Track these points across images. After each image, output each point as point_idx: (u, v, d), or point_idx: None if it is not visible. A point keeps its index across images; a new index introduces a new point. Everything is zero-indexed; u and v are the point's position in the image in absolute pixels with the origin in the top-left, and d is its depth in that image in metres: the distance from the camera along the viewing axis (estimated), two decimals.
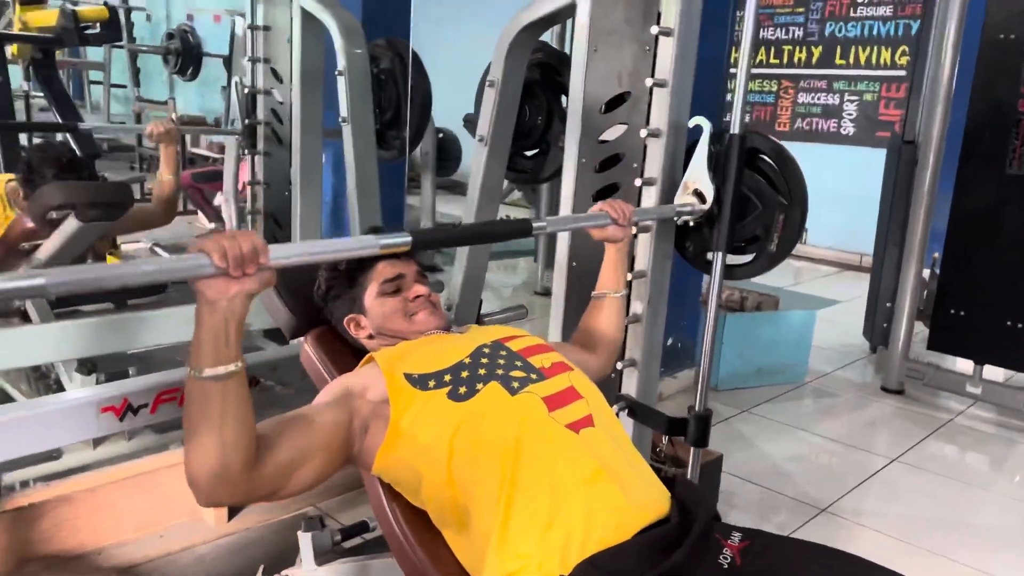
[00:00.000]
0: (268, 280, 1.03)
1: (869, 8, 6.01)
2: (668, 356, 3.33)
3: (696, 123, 1.81)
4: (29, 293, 0.85)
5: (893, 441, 3.13)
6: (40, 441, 1.70)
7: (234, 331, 1.01)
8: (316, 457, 1.20)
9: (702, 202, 1.78)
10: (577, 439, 1.24)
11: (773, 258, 1.87)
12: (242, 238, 0.98)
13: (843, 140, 6.27)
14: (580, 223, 1.71)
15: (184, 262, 0.96)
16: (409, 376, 1.31)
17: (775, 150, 1.83)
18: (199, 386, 1.02)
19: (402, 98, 2.75)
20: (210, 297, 0.99)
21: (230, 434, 1.03)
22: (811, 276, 6.08)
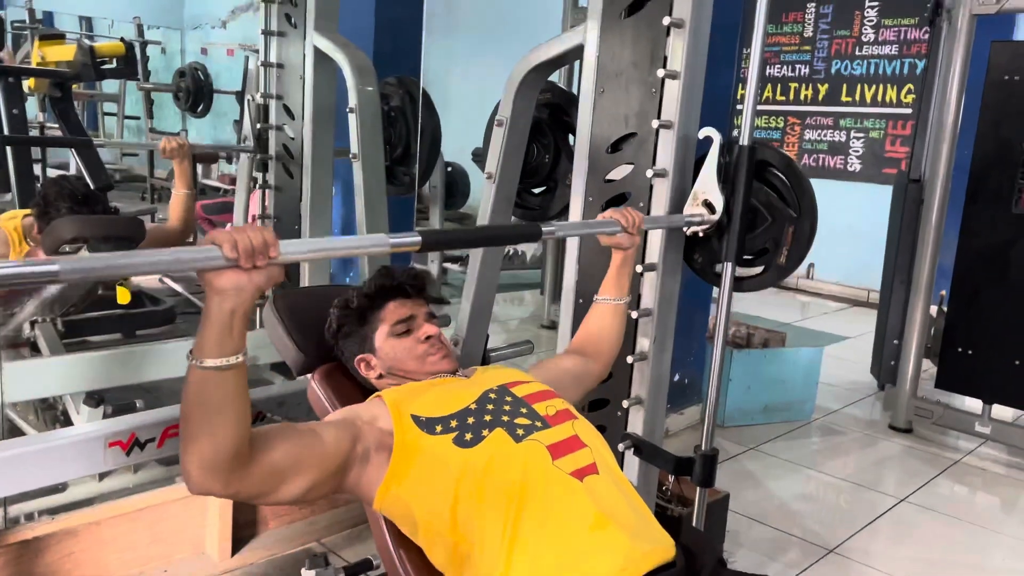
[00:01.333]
0: (277, 275, 1.02)
1: (875, 47, 6.07)
2: (675, 392, 3.32)
3: (707, 134, 1.80)
4: (43, 279, 0.85)
5: (902, 480, 3.10)
6: (47, 475, 1.70)
7: (239, 323, 1.01)
8: (309, 471, 1.19)
9: (712, 212, 1.78)
10: (581, 487, 1.24)
11: (782, 270, 1.86)
12: (252, 231, 0.98)
13: (850, 176, 6.30)
14: (590, 229, 1.71)
15: (195, 253, 0.97)
16: (416, 418, 1.31)
17: (784, 162, 1.83)
18: (199, 375, 1.01)
19: (412, 135, 2.78)
20: (219, 287, 0.98)
21: (224, 426, 1.03)
22: (818, 311, 6.07)
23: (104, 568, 2.03)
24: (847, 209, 6.12)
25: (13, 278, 0.85)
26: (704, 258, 1.92)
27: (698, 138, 1.84)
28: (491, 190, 2.27)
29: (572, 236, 1.96)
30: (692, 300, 3.29)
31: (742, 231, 1.78)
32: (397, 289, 1.56)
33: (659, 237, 1.87)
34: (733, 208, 1.76)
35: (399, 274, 1.57)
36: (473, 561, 1.22)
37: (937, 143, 3.49)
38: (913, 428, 3.59)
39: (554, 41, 2.07)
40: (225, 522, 2.17)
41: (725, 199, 1.76)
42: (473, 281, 2.35)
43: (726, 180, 1.77)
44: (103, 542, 2.02)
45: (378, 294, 1.55)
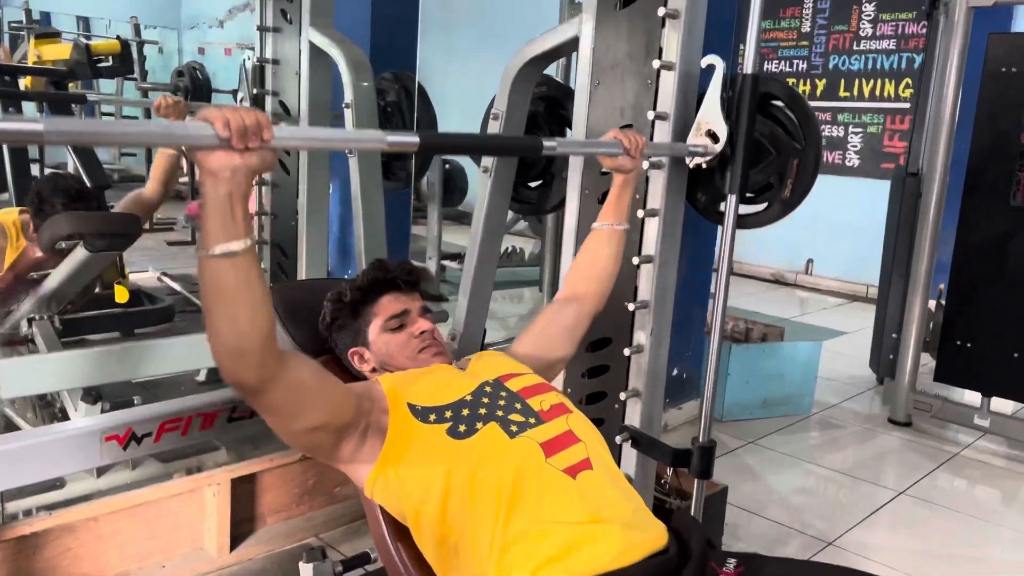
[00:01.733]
0: (269, 160, 1.01)
1: (872, 42, 6.07)
2: (673, 387, 3.32)
3: (709, 62, 1.76)
4: (25, 137, 0.83)
5: (901, 474, 3.10)
6: (44, 470, 1.70)
7: (239, 207, 1.00)
8: (325, 406, 1.21)
9: (715, 142, 1.75)
10: (574, 484, 1.24)
11: (786, 205, 1.84)
12: (245, 111, 0.97)
13: (848, 172, 6.30)
14: (593, 148, 1.69)
15: (187, 128, 0.95)
16: (412, 407, 1.31)
17: (788, 94, 1.81)
18: (209, 265, 1.00)
19: (408, 128, 2.78)
20: (212, 167, 0.96)
21: (245, 312, 1.03)
22: (817, 307, 6.07)
23: (102, 564, 2.03)
24: (846, 205, 6.13)
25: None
26: (707, 197, 1.89)
27: (701, 68, 1.80)
28: (487, 184, 2.27)
29: (574, 154, 1.93)
30: (690, 295, 3.29)
31: (746, 162, 1.73)
32: (391, 283, 1.55)
33: (657, 229, 1.87)
34: (737, 139, 1.72)
35: (393, 268, 1.57)
36: (461, 554, 1.22)
37: (935, 136, 3.49)
38: (912, 421, 3.59)
39: (549, 34, 2.07)
40: (223, 518, 2.17)
41: (729, 130, 1.72)
42: (470, 276, 2.35)
43: (729, 113, 1.73)
44: (101, 538, 2.02)
45: (371, 287, 1.55)
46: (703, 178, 1.85)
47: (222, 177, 0.97)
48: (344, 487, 2.45)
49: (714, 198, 1.88)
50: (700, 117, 1.77)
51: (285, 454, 2.28)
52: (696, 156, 1.77)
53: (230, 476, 2.16)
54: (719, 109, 1.73)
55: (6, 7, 6.62)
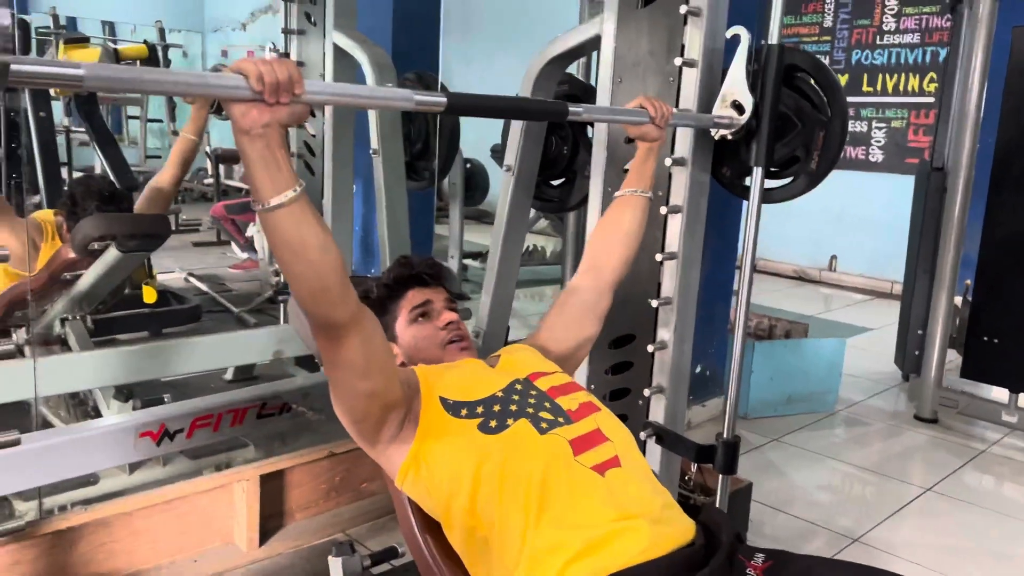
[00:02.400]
0: (301, 114, 1.03)
1: (896, 36, 6.01)
2: (696, 384, 3.33)
3: (735, 32, 1.76)
4: (67, 82, 0.85)
5: (927, 470, 3.08)
6: (80, 465, 1.75)
7: (280, 156, 1.02)
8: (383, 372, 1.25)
9: (740, 113, 1.75)
10: (603, 482, 1.25)
11: (814, 177, 1.83)
12: (278, 64, 0.98)
13: (872, 167, 6.25)
14: (618, 116, 1.70)
15: (222, 79, 0.97)
16: (444, 400, 1.33)
17: (814, 65, 1.80)
18: (269, 219, 1.04)
19: (431, 129, 2.81)
20: (244, 125, 0.99)
21: (315, 254, 1.07)
22: (841, 304, 6.02)
23: (136, 558, 2.07)
24: (869, 200, 6.08)
25: (39, 76, 0.84)
26: (732, 170, 1.88)
27: (726, 38, 1.80)
28: (510, 182, 2.29)
29: (599, 121, 1.93)
30: (713, 292, 3.29)
31: (772, 134, 1.74)
32: (415, 278, 1.58)
33: (680, 227, 1.88)
34: (762, 110, 1.72)
35: (417, 263, 1.60)
36: (491, 547, 1.24)
37: (960, 131, 3.46)
38: (938, 418, 3.57)
39: (571, 33, 2.09)
40: (253, 513, 2.21)
41: (754, 101, 1.72)
42: (493, 274, 2.37)
43: (755, 86, 1.73)
44: (135, 533, 2.06)
45: (397, 283, 1.58)
46: (728, 152, 1.85)
47: (256, 134, 1.00)
48: (371, 483, 2.49)
49: (740, 172, 1.87)
50: (725, 89, 1.77)
51: (313, 450, 2.32)
52: (721, 128, 1.77)
53: (259, 472, 2.20)
54: (745, 80, 1.73)
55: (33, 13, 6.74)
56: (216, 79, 0.97)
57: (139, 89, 0.92)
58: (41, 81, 0.85)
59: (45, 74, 0.85)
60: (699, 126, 1.81)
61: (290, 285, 1.12)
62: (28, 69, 0.83)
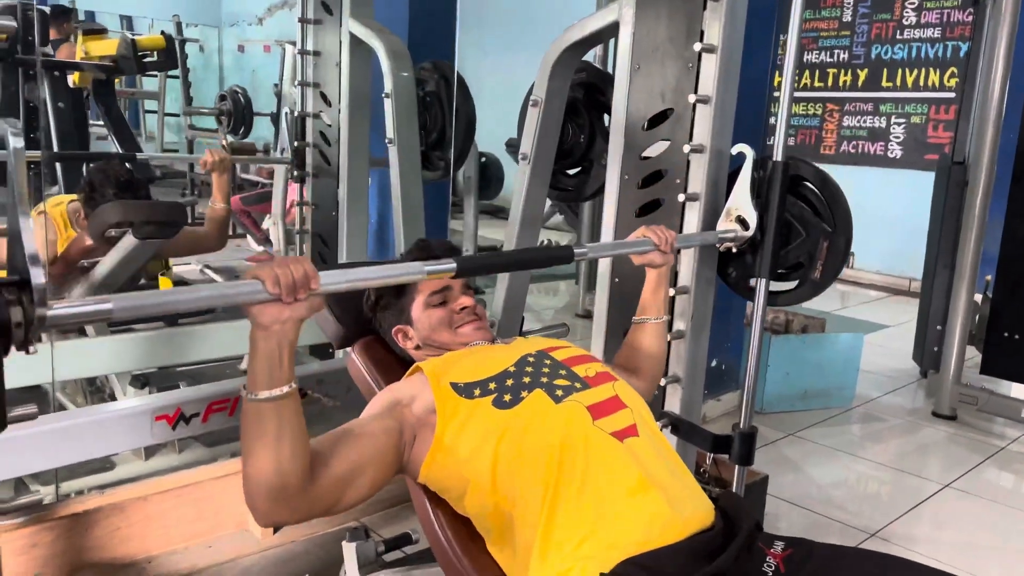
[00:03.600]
0: (317, 306, 1.07)
1: (916, 30, 5.96)
2: (712, 378, 3.30)
3: (739, 150, 1.82)
4: (98, 317, 0.91)
5: (945, 467, 3.06)
6: (97, 447, 1.76)
7: (286, 355, 1.06)
8: (370, 469, 1.22)
9: (745, 228, 1.79)
10: (622, 447, 1.24)
11: (817, 286, 1.87)
12: (294, 265, 1.02)
13: (890, 163, 6.19)
14: (622, 250, 1.73)
15: (239, 287, 1.01)
16: (455, 385, 1.33)
17: (818, 177, 1.84)
18: (255, 408, 1.06)
19: (447, 119, 2.81)
20: (263, 323, 1.03)
21: (287, 451, 1.06)
22: (858, 301, 5.98)
23: (150, 543, 2.08)
24: (887, 197, 6.03)
25: (71, 317, 0.90)
26: (738, 272, 1.93)
27: (731, 154, 1.85)
28: (526, 171, 2.28)
29: (604, 257, 1.97)
30: None
31: (776, 247, 1.78)
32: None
33: (698, 215, 1.87)
34: (767, 224, 1.77)
35: (435, 247, 1.59)
36: (514, 521, 1.23)
37: (982, 124, 3.42)
38: (957, 415, 3.53)
39: (589, 19, 2.08)
40: None
41: (758, 214, 1.76)
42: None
43: (759, 195, 1.77)
44: (149, 518, 2.07)
45: None
46: (734, 256, 1.88)
47: (273, 330, 1.03)
48: None
49: (745, 274, 1.91)
50: (730, 204, 1.82)
51: None
52: (726, 242, 1.81)
53: None
54: (749, 197, 1.78)
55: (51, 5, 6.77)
56: (234, 287, 1.01)
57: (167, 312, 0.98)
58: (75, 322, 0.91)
59: (78, 314, 0.91)
60: (704, 244, 1.85)
61: (244, 480, 1.08)
62: (62, 313, 0.89)
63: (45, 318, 0.87)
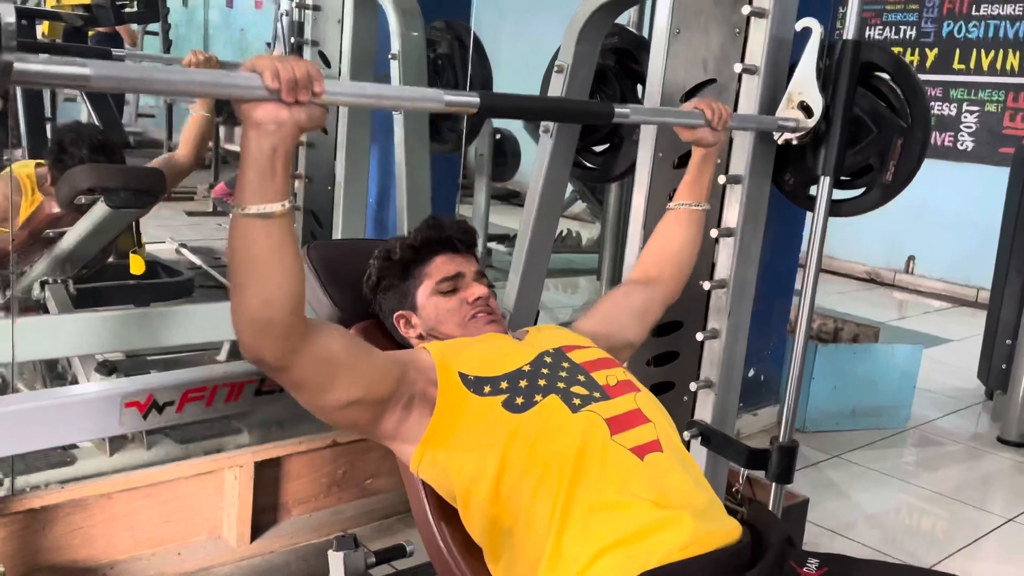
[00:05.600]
0: (319, 116, 1.05)
1: (995, 6, 5.93)
2: (749, 389, 3.31)
3: (805, 24, 1.78)
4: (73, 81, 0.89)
5: (1010, 499, 3.06)
6: (59, 434, 1.78)
7: (281, 165, 1.05)
8: (360, 379, 1.24)
9: (808, 116, 1.75)
10: (642, 465, 1.26)
11: (888, 190, 1.84)
12: (296, 62, 1.01)
13: (960, 157, 6.17)
14: (671, 118, 1.71)
15: (234, 78, 1.00)
16: (464, 376, 1.34)
17: (894, 64, 1.81)
18: (243, 224, 1.05)
19: (460, 84, 2.82)
20: (257, 119, 1.01)
21: (275, 279, 1.07)
22: (918, 311, 5.97)
23: (114, 547, 2.11)
24: (956, 194, 6.01)
25: (43, 75, 0.88)
26: (796, 178, 1.90)
27: (795, 31, 1.81)
28: (548, 146, 2.30)
29: (648, 123, 1.95)
30: (771, 287, 3.27)
31: (843, 141, 1.74)
32: (445, 242, 1.58)
33: (738, 197, 1.87)
34: (834, 113, 1.73)
35: (448, 226, 1.60)
36: (516, 537, 1.25)
37: None
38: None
39: None
40: (244, 505, 2.24)
41: (825, 103, 1.73)
42: (523, 252, 2.38)
43: (825, 85, 1.74)
44: (114, 518, 2.10)
45: (424, 246, 1.58)
46: (792, 156, 1.86)
47: (267, 130, 1.02)
48: (376, 479, 2.51)
49: (804, 180, 1.88)
50: (792, 87, 1.78)
51: (314, 438, 2.34)
52: (786, 131, 1.79)
53: (254, 458, 2.22)
54: (814, 79, 1.75)
55: None
56: (229, 78, 1.00)
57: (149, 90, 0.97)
58: (45, 81, 0.90)
59: (50, 73, 0.89)
60: (761, 129, 1.82)
61: (231, 308, 1.10)
62: (32, 68, 0.87)
63: (11, 67, 0.84)
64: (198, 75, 0.97)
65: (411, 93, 1.25)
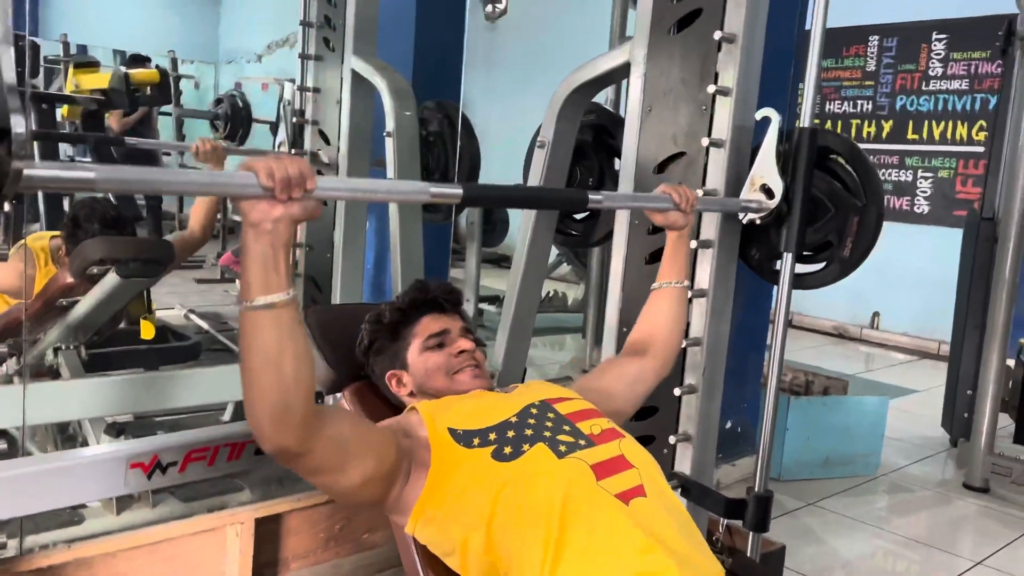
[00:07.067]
0: (313, 209, 1.05)
1: (943, 82, 6.06)
2: (727, 441, 3.29)
3: (764, 115, 1.81)
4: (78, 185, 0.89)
5: (978, 542, 3.02)
6: (66, 496, 1.75)
7: (282, 258, 1.05)
8: (370, 458, 1.23)
9: (770, 197, 1.77)
10: (627, 510, 1.24)
11: (847, 264, 1.85)
12: (289, 161, 1.02)
13: (918, 219, 6.24)
14: (641, 202, 1.72)
15: (231, 178, 1.01)
16: (453, 431, 1.33)
17: (848, 148, 1.84)
18: (251, 317, 1.05)
19: (450, 159, 2.85)
20: (254, 219, 1.02)
21: (289, 366, 1.06)
22: (884, 364, 5.96)
23: None
24: (915, 254, 6.05)
25: (52, 180, 0.88)
26: (761, 253, 1.91)
27: (755, 120, 1.84)
28: (531, 214, 2.31)
29: (621, 208, 1.96)
30: (745, 342, 3.27)
31: (803, 220, 1.76)
32: (431, 303, 1.59)
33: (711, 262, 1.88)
34: (793, 194, 1.76)
35: (434, 287, 1.61)
36: None
37: (1012, 178, 3.46)
38: (990, 487, 3.49)
39: (599, 59, 2.13)
40: (246, 560, 2.18)
41: (785, 185, 1.75)
42: (511, 312, 2.38)
43: (785, 168, 1.76)
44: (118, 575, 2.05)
45: (411, 307, 1.58)
46: (757, 233, 1.88)
47: (264, 229, 1.03)
48: (373, 534, 2.46)
49: (769, 255, 1.90)
50: (754, 171, 1.81)
51: (312, 494, 2.30)
52: (750, 212, 1.81)
53: (254, 515, 2.18)
54: (774, 163, 1.78)
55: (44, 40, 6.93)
56: (226, 178, 1.02)
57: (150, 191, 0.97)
58: (54, 186, 0.90)
59: (58, 178, 0.90)
60: (726, 211, 1.85)
61: (246, 403, 1.08)
62: (42, 174, 0.88)
63: (21, 174, 0.84)
64: (196, 175, 1.00)
65: (399, 187, 1.27)
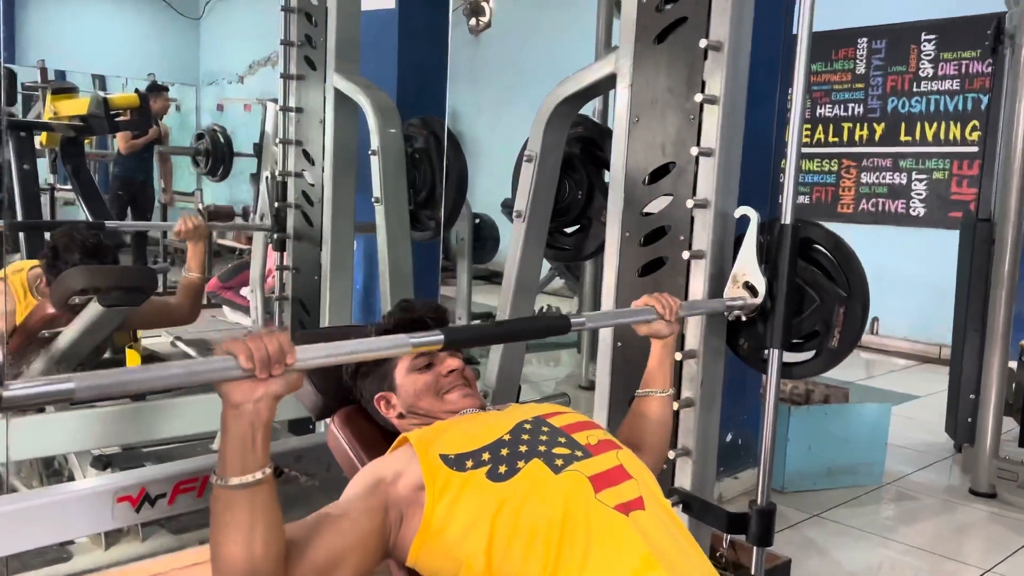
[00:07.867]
0: (295, 382, 1.06)
1: (934, 82, 6.11)
2: (728, 454, 3.28)
3: (743, 213, 1.84)
4: (60, 397, 0.90)
5: (986, 549, 3.01)
6: (53, 532, 1.73)
7: (260, 437, 1.05)
8: (352, 556, 1.21)
9: (754, 295, 1.81)
10: (627, 522, 1.24)
11: (834, 355, 1.87)
12: (268, 339, 1.02)
13: (913, 222, 6.27)
14: (623, 319, 1.74)
15: (210, 364, 1.01)
16: (445, 457, 1.32)
17: (831, 240, 1.86)
18: (226, 495, 1.05)
19: (437, 176, 2.86)
20: (235, 400, 1.02)
21: (259, 543, 1.05)
22: (884, 369, 5.97)
23: None
24: (912, 257, 6.08)
25: (32, 398, 0.89)
26: (749, 343, 1.93)
27: (735, 217, 1.88)
28: (521, 230, 2.32)
29: (604, 327, 1.99)
30: None
31: (787, 315, 1.79)
32: (418, 323, 1.58)
33: (704, 272, 1.89)
34: (776, 290, 1.78)
35: (420, 307, 1.61)
36: None
37: (1006, 178, 3.48)
38: (996, 492, 3.49)
39: (585, 71, 2.14)
40: None
41: (767, 281, 1.78)
42: None
43: (768, 260, 1.79)
44: None
45: (397, 328, 1.56)
46: (744, 325, 1.89)
47: (245, 410, 1.03)
48: None
49: (757, 345, 1.91)
50: (736, 269, 1.84)
51: None
52: (735, 310, 1.83)
53: None
54: (755, 262, 1.80)
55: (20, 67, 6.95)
56: (204, 364, 1.01)
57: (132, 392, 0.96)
58: (36, 402, 0.91)
59: (39, 394, 0.90)
60: (711, 312, 1.87)
61: (213, 564, 1.08)
62: (22, 393, 0.89)
63: (1, 399, 0.87)
64: (176, 368, 1.00)
65: (380, 343, 1.25)
